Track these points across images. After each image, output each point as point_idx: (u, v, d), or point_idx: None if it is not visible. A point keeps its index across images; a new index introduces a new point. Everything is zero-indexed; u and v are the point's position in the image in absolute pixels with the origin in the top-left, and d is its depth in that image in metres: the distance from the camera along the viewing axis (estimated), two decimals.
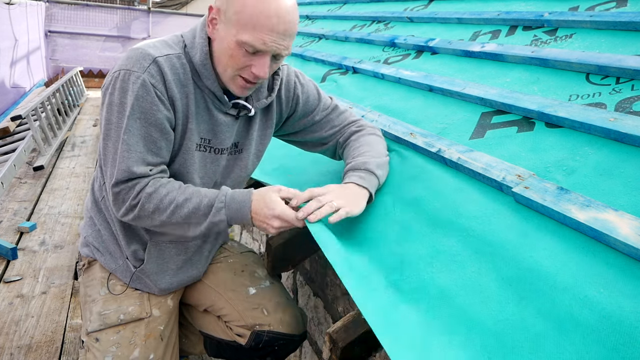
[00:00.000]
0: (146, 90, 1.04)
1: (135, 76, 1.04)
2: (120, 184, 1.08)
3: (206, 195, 1.11)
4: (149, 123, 1.06)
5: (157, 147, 1.09)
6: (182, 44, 1.13)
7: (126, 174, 1.06)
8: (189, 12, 11.72)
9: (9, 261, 2.75)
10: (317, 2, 3.94)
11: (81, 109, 6.78)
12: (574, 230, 0.90)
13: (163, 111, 1.07)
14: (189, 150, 1.16)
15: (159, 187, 1.10)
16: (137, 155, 1.06)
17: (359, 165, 1.20)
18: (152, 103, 1.05)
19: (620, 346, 0.69)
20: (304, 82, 1.34)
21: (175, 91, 1.08)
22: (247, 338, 1.33)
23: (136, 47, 1.09)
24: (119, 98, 1.05)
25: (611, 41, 1.42)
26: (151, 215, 1.10)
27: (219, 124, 1.18)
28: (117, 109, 1.06)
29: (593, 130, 1.10)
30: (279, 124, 1.36)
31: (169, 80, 1.07)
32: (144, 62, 1.05)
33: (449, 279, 0.92)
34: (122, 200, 1.10)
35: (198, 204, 1.10)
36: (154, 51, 1.07)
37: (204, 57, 1.10)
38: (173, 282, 1.33)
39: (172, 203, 1.09)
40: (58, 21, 8.74)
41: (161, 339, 1.31)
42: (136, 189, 1.08)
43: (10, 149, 4.35)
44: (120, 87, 1.05)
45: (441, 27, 2.19)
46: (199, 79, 1.12)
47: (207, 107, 1.15)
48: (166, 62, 1.07)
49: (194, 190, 1.12)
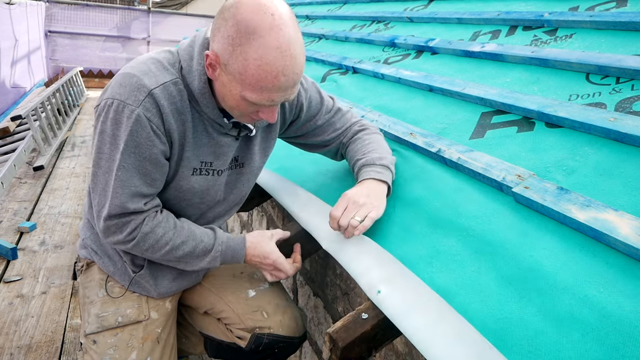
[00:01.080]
0: (141, 126, 0.99)
1: (130, 110, 0.98)
2: (113, 218, 1.07)
3: (202, 240, 1.16)
4: (143, 157, 1.03)
5: (152, 179, 1.07)
6: (179, 65, 1.06)
7: (119, 209, 1.05)
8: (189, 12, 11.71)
9: (9, 261, 2.75)
10: (317, 2, 3.94)
11: (81, 109, 6.78)
12: (574, 230, 0.90)
13: (158, 145, 1.03)
14: (184, 177, 1.14)
15: (155, 227, 1.10)
16: (130, 190, 1.04)
17: (375, 160, 1.21)
18: (147, 138, 1.01)
19: (620, 345, 0.69)
20: (307, 86, 1.31)
21: (172, 123, 1.04)
22: (247, 341, 1.32)
23: (130, 74, 1.01)
24: (112, 130, 1.01)
25: (611, 41, 1.42)
26: (144, 252, 1.13)
27: (221, 146, 1.16)
28: (109, 140, 1.02)
29: (593, 130, 1.10)
30: (282, 130, 1.34)
31: (167, 112, 1.02)
32: (138, 94, 0.99)
33: (449, 279, 0.92)
34: (114, 232, 1.09)
35: (194, 247, 1.15)
36: (148, 81, 1.00)
37: (202, 86, 1.04)
38: (172, 287, 1.33)
39: (167, 244, 1.12)
40: (58, 21, 8.75)
41: (158, 342, 1.30)
42: (131, 226, 1.07)
43: (10, 149, 4.35)
44: (113, 118, 1.00)
45: (441, 27, 2.19)
46: (197, 104, 1.07)
47: (207, 130, 1.12)
48: (162, 93, 1.01)
49: (188, 232, 1.15)
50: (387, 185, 1.18)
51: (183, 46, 1.09)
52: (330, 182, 1.41)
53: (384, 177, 1.17)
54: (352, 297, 1.48)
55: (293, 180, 1.49)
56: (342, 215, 1.10)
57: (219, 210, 1.30)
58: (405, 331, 0.86)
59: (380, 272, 1.00)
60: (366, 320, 0.96)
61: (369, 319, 0.96)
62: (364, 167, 1.21)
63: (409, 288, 0.93)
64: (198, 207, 1.23)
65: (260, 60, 0.90)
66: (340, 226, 1.11)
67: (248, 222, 2.68)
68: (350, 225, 1.08)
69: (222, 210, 1.31)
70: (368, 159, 1.22)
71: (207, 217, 1.29)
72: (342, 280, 1.53)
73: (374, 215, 1.10)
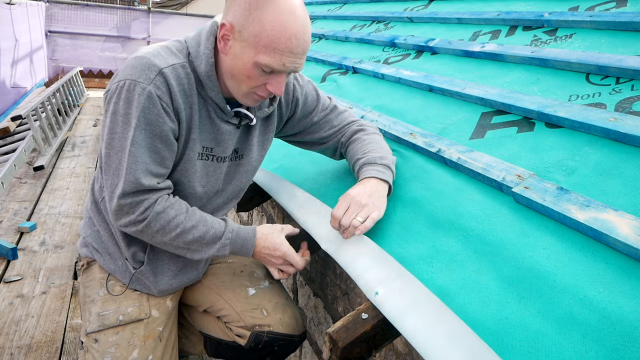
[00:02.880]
0: (152, 102, 1.03)
1: (141, 87, 1.02)
2: (128, 196, 1.07)
3: (212, 226, 1.16)
4: (154, 135, 1.06)
5: (162, 157, 1.09)
6: (186, 51, 1.11)
7: (134, 186, 1.06)
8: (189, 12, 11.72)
9: (9, 261, 2.75)
10: (317, 2, 3.94)
11: (81, 109, 6.78)
12: (573, 230, 0.90)
13: (168, 123, 1.07)
14: (190, 159, 1.16)
15: (167, 207, 1.11)
16: (143, 167, 1.06)
17: (376, 159, 1.22)
18: (158, 115, 1.04)
19: (620, 346, 0.69)
20: (303, 83, 1.34)
21: (180, 102, 1.07)
22: (247, 339, 1.33)
23: (140, 56, 1.06)
24: (124, 108, 1.04)
25: (611, 41, 1.42)
26: (154, 233, 1.12)
27: (222, 133, 1.18)
28: (122, 119, 1.05)
29: (593, 130, 1.10)
30: (279, 126, 1.36)
31: (175, 91, 1.06)
32: (149, 73, 1.03)
33: (448, 279, 0.92)
34: (127, 213, 1.10)
35: (204, 233, 1.15)
36: (159, 61, 1.05)
37: (209, 69, 1.08)
38: (173, 284, 1.33)
39: (178, 227, 1.12)
40: (58, 21, 8.74)
41: (160, 340, 1.31)
42: (144, 205, 1.08)
43: (11, 149, 4.35)
44: (125, 97, 1.03)
45: (441, 27, 2.19)
46: (203, 89, 1.11)
47: (210, 116, 1.15)
48: (172, 73, 1.05)
49: (200, 217, 1.15)
50: (388, 185, 1.18)
51: (191, 35, 1.15)
52: (329, 182, 1.41)
53: (385, 177, 1.18)
54: (352, 297, 1.48)
55: (292, 180, 1.49)
56: (344, 215, 1.10)
57: (218, 202, 1.31)
58: (404, 332, 0.86)
59: (378, 274, 1.00)
60: (366, 320, 0.96)
61: (369, 319, 0.96)
62: (365, 166, 1.21)
63: (407, 289, 0.93)
64: (199, 197, 1.24)
65: (275, 21, 0.98)
66: (341, 226, 1.11)
67: (248, 222, 2.69)
68: (352, 225, 1.09)
69: (221, 202, 1.32)
70: (369, 158, 1.22)
71: (206, 209, 1.29)
72: (342, 280, 1.53)
73: (375, 216, 1.10)
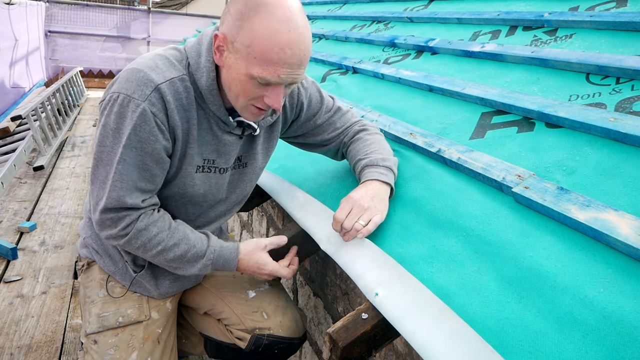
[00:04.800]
0: (145, 120, 0.99)
1: (135, 104, 0.98)
2: (110, 211, 1.06)
3: (194, 245, 1.15)
4: (145, 152, 1.03)
5: (152, 174, 1.07)
6: (186, 61, 1.06)
7: (116, 203, 1.04)
8: (189, 12, 11.71)
9: (9, 261, 2.75)
10: (317, 2, 3.94)
11: (81, 109, 6.78)
12: (574, 230, 0.90)
13: (161, 141, 1.03)
14: (189, 174, 1.14)
15: (149, 224, 1.09)
16: (129, 185, 1.04)
17: (378, 161, 1.20)
18: (150, 133, 1.01)
19: (620, 346, 0.69)
20: (307, 85, 1.31)
21: (176, 119, 1.04)
22: (247, 342, 1.32)
23: (137, 69, 1.01)
24: (116, 123, 1.01)
25: (611, 41, 1.42)
26: (136, 249, 1.12)
27: (224, 145, 1.16)
28: (112, 134, 1.02)
29: (593, 130, 1.10)
30: (283, 129, 1.34)
31: (172, 108, 1.02)
32: (145, 88, 0.99)
33: (448, 279, 0.92)
34: (109, 226, 1.08)
35: (185, 252, 1.14)
36: (156, 75, 1.00)
37: (210, 83, 1.04)
38: (173, 287, 1.33)
39: (159, 244, 1.11)
40: (58, 21, 8.75)
41: (158, 342, 1.30)
42: (126, 221, 1.07)
43: (10, 149, 4.35)
44: (117, 112, 1.00)
45: (441, 27, 2.19)
46: (204, 101, 1.07)
47: (211, 128, 1.12)
48: (169, 89, 1.01)
49: (182, 235, 1.14)
50: (390, 187, 1.18)
51: (190, 44, 1.10)
52: (330, 182, 1.41)
53: (387, 179, 1.16)
54: (352, 297, 1.48)
55: (293, 180, 1.49)
56: (347, 218, 1.09)
57: (220, 210, 1.30)
58: (404, 333, 0.86)
59: (378, 274, 1.00)
60: (366, 321, 0.96)
61: (369, 319, 0.96)
62: (367, 168, 1.20)
63: (407, 290, 0.93)
64: (200, 205, 1.23)
65: (267, 31, 0.91)
66: (343, 229, 1.10)
67: (248, 222, 2.68)
68: (354, 228, 1.07)
69: (224, 209, 1.31)
70: (371, 160, 1.21)
71: (209, 216, 1.29)
72: (342, 280, 1.53)
73: (377, 219, 1.09)
